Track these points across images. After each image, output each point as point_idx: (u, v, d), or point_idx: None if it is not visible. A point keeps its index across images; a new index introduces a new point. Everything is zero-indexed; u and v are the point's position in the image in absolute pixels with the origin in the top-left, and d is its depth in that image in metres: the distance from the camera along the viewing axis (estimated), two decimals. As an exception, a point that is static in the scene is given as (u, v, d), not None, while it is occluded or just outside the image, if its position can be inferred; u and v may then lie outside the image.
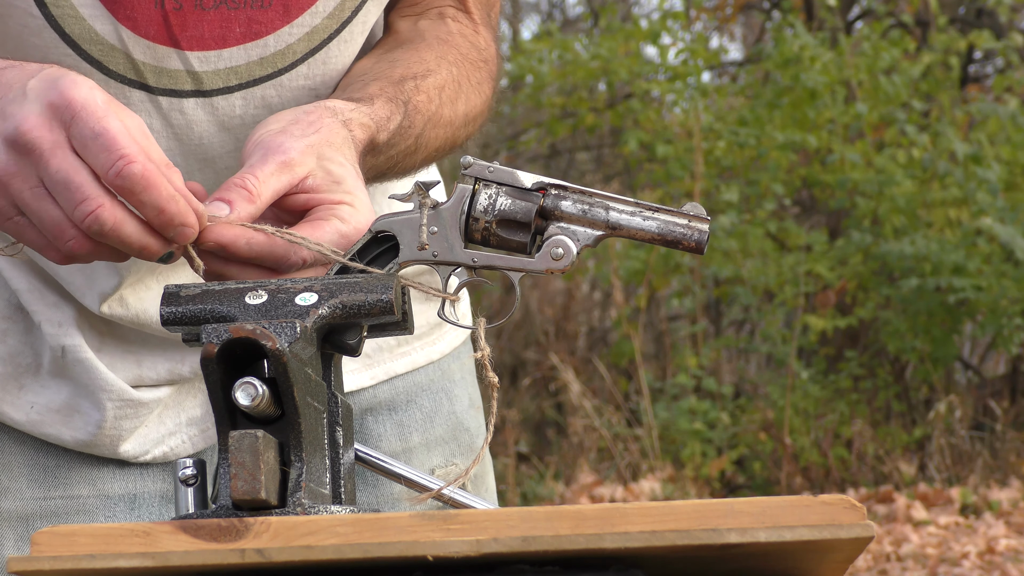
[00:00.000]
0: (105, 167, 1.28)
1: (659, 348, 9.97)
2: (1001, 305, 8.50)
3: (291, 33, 1.58)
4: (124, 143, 1.28)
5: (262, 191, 1.37)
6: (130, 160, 1.28)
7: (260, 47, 1.57)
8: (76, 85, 1.30)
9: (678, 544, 1.12)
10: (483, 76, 1.70)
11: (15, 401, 1.67)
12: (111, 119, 1.29)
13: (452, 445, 1.83)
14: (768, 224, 9.17)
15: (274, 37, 1.58)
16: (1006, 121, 8.98)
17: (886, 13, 10.12)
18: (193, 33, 1.54)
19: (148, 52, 1.54)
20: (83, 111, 1.29)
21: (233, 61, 1.57)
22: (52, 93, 1.30)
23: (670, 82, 9.76)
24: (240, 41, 1.56)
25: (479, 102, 1.68)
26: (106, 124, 1.28)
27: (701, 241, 1.40)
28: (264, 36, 1.57)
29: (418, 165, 1.65)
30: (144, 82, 1.55)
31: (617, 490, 8.05)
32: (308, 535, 1.12)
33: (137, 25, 1.52)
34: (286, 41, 1.58)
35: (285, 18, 1.57)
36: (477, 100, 1.68)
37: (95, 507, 1.69)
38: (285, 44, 1.58)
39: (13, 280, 1.65)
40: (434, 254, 1.40)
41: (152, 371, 1.68)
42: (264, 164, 1.39)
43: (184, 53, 1.55)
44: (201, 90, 1.57)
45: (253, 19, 1.56)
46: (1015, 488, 8.07)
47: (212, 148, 1.59)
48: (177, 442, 1.71)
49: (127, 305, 1.64)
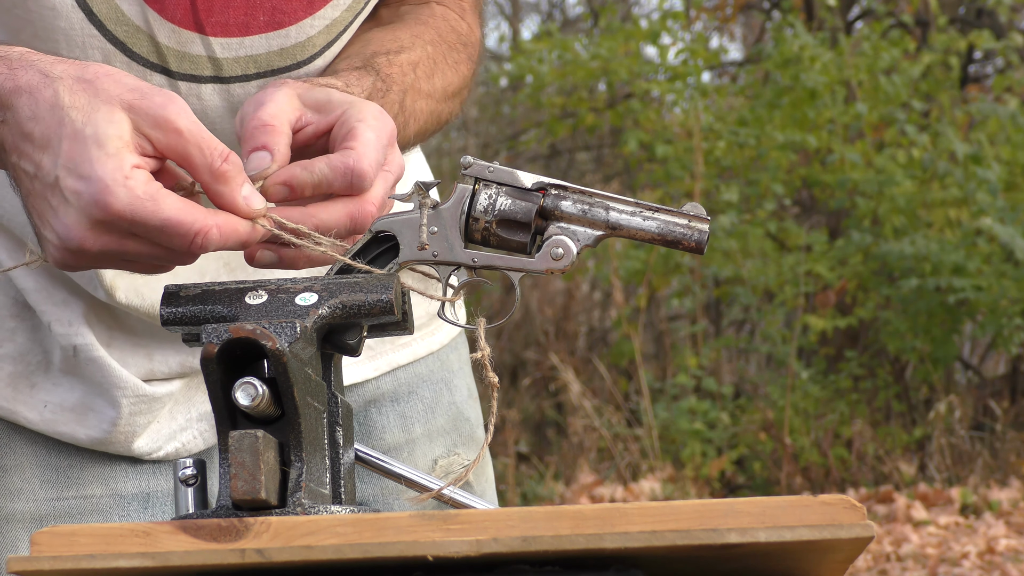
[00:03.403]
0: (186, 245, 1.33)
1: (659, 348, 9.97)
2: (1001, 305, 8.50)
3: (312, 25, 1.60)
4: (188, 223, 1.31)
5: (281, 123, 1.40)
6: (205, 235, 1.32)
7: (281, 37, 1.59)
8: (111, 192, 1.30)
9: (678, 544, 1.12)
10: (461, 57, 1.71)
11: (28, 400, 1.66)
12: (162, 207, 1.31)
13: (453, 435, 1.84)
14: (768, 224, 9.17)
15: (296, 28, 1.59)
16: (1006, 121, 8.98)
17: (886, 13, 10.12)
18: (219, 19, 1.56)
19: (172, 36, 1.55)
20: (134, 218, 1.30)
21: (254, 49, 1.58)
22: (95, 210, 1.30)
23: (670, 82, 9.77)
24: (263, 30, 1.58)
25: (456, 79, 1.69)
26: (163, 215, 1.30)
27: (701, 241, 1.40)
28: (287, 26, 1.59)
29: (411, 139, 1.66)
30: (166, 66, 1.57)
31: (617, 490, 8.05)
32: (308, 535, 1.12)
33: (164, 8, 1.54)
34: (307, 33, 1.60)
35: (309, 9, 1.59)
36: (454, 78, 1.69)
37: (108, 507, 1.69)
38: (306, 36, 1.60)
39: (20, 279, 1.65)
40: (434, 254, 1.40)
41: (163, 364, 1.68)
42: (263, 108, 1.42)
43: (208, 39, 1.56)
44: (220, 76, 1.59)
45: (277, 8, 1.57)
46: (1015, 488, 8.07)
47: (224, 134, 1.60)
48: (188, 437, 1.71)
49: (143, 296, 1.64)
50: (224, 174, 1.33)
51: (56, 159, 1.31)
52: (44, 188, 1.33)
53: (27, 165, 1.34)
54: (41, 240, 1.37)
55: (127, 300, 1.64)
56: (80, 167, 1.31)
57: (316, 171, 1.38)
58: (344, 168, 1.39)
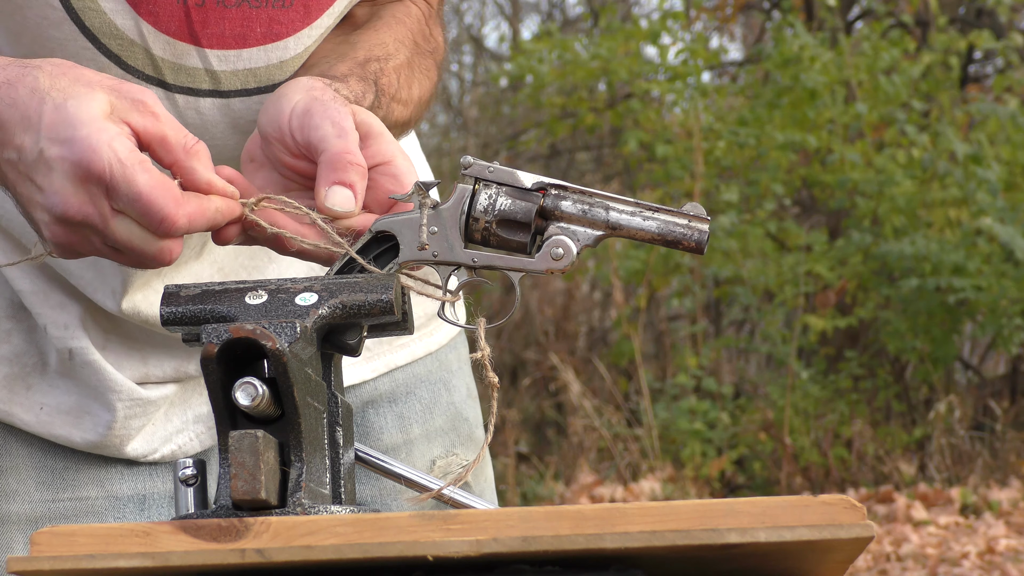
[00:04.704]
0: (153, 227, 1.36)
1: (659, 348, 9.97)
2: (1001, 305, 8.50)
3: (309, 35, 1.59)
4: (158, 204, 1.34)
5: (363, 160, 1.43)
6: (171, 223, 1.35)
7: (280, 49, 1.58)
8: (95, 151, 1.33)
9: (678, 544, 1.12)
10: (430, 63, 1.71)
11: (24, 402, 1.66)
12: (138, 177, 1.33)
13: (452, 435, 1.84)
14: (768, 224, 9.16)
15: (294, 39, 1.58)
16: (1006, 121, 8.98)
17: (886, 13, 10.12)
18: (214, 31, 1.55)
19: (168, 48, 1.54)
20: (112, 180, 1.33)
21: (253, 62, 1.57)
22: (79, 170, 1.33)
23: (670, 82, 9.76)
24: (260, 42, 1.57)
25: (428, 87, 1.70)
26: (137, 188, 1.33)
27: (701, 241, 1.40)
28: (284, 38, 1.58)
29: None
30: (162, 79, 1.56)
31: (617, 490, 8.05)
32: (308, 535, 1.12)
33: (159, 20, 1.53)
34: (304, 44, 1.59)
35: (305, 19, 1.58)
36: (428, 85, 1.70)
37: (104, 508, 1.68)
38: (303, 47, 1.59)
39: (16, 281, 1.65)
40: (434, 254, 1.40)
41: (158, 369, 1.68)
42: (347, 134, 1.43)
43: (204, 51, 1.55)
44: (219, 90, 1.58)
45: (274, 19, 1.56)
46: (1015, 488, 8.07)
47: (225, 150, 1.59)
48: (184, 440, 1.71)
49: (152, 304, 1.64)
50: (196, 152, 1.37)
51: (38, 133, 1.34)
52: (28, 168, 1.35)
53: (9, 153, 1.36)
54: (36, 226, 1.38)
55: (133, 308, 1.64)
56: (62, 132, 1.33)
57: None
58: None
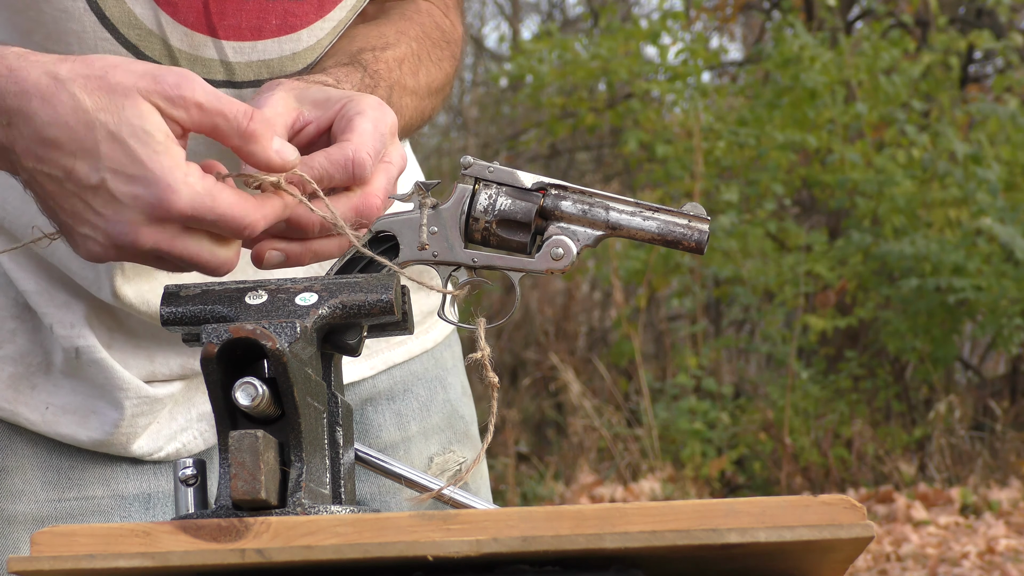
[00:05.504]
0: (235, 235, 1.36)
1: (659, 348, 9.97)
2: (1001, 305, 8.50)
3: (322, 28, 1.60)
4: (240, 217, 1.34)
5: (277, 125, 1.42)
6: (252, 230, 1.35)
7: (293, 41, 1.59)
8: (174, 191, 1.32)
9: (678, 544, 1.12)
10: (444, 54, 1.71)
11: (29, 401, 1.66)
12: (218, 201, 1.33)
13: (448, 433, 1.84)
14: (768, 224, 9.17)
15: (307, 32, 1.59)
16: (1006, 121, 8.98)
17: (886, 13, 10.12)
18: (231, 22, 1.56)
19: (185, 39, 1.55)
20: (196, 213, 1.32)
21: (267, 54, 1.58)
22: (158, 211, 1.32)
23: (670, 82, 9.77)
24: (275, 34, 1.58)
25: (440, 76, 1.70)
26: (221, 211, 1.33)
27: (701, 241, 1.40)
28: (299, 30, 1.59)
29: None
30: None
31: (617, 490, 8.05)
32: (308, 535, 1.12)
33: (177, 11, 1.54)
34: (317, 36, 1.60)
35: (319, 11, 1.59)
36: (438, 74, 1.70)
37: (110, 508, 1.68)
38: (316, 39, 1.60)
39: (20, 281, 1.65)
40: (434, 254, 1.40)
41: (164, 366, 1.68)
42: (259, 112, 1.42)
43: (220, 42, 1.56)
44: (232, 81, 1.59)
45: (289, 11, 1.57)
46: (1015, 488, 8.07)
47: None
48: (189, 438, 1.70)
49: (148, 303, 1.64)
50: (252, 133, 1.35)
51: (97, 163, 1.31)
52: (81, 190, 1.33)
53: (52, 170, 1.33)
54: (74, 235, 1.37)
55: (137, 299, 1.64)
56: (128, 168, 1.31)
57: (316, 166, 1.39)
58: (343, 160, 1.39)
